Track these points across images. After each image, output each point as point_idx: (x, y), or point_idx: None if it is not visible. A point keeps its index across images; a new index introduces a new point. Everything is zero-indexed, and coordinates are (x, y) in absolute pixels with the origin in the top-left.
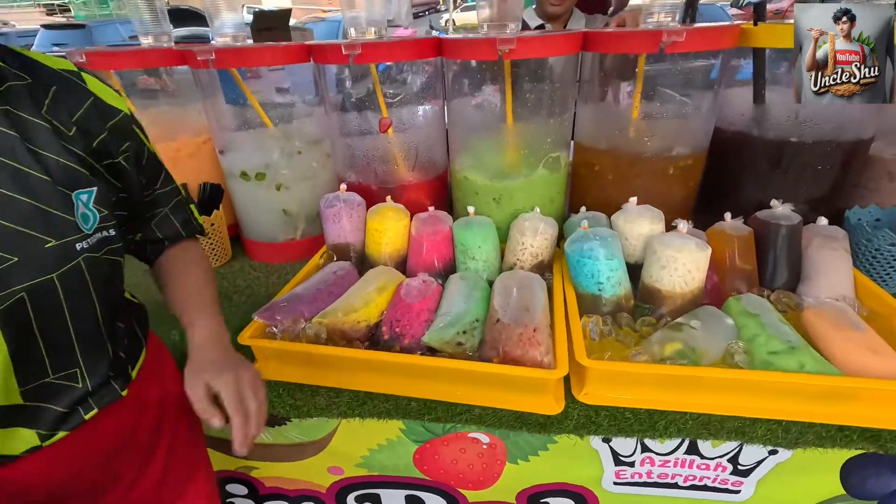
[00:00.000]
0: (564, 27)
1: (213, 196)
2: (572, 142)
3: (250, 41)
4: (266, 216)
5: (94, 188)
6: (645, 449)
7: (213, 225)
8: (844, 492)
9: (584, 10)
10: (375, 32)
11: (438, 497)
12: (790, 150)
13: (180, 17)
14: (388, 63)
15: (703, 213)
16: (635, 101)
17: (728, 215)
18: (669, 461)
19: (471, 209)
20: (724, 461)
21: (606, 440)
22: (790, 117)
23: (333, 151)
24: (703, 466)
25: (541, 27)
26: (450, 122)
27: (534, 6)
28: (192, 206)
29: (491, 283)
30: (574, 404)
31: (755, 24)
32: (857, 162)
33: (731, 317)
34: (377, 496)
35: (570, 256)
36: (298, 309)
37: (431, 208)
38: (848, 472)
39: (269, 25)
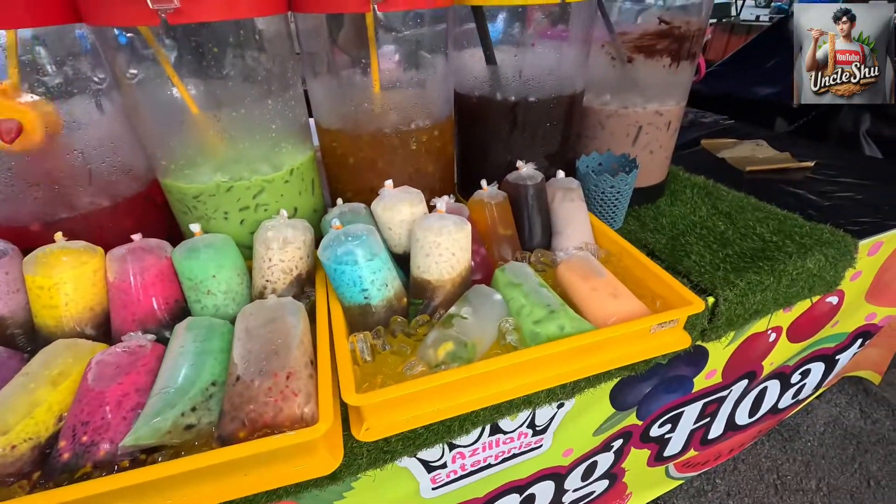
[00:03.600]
0: None
1: None
2: (312, 124)
3: None
4: None
5: None
6: (452, 447)
7: None
8: (614, 410)
9: None
10: None
11: None
12: (522, 109)
13: None
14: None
15: (466, 183)
16: (374, 72)
17: (484, 182)
18: (478, 448)
19: (195, 227)
20: (524, 428)
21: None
22: (515, 77)
23: None
24: (508, 440)
25: None
26: (131, 114)
27: None
28: None
29: None
30: (360, 442)
31: None
32: (576, 114)
33: (500, 291)
34: None
35: (326, 266)
36: None
37: (137, 236)
38: (614, 396)
39: None
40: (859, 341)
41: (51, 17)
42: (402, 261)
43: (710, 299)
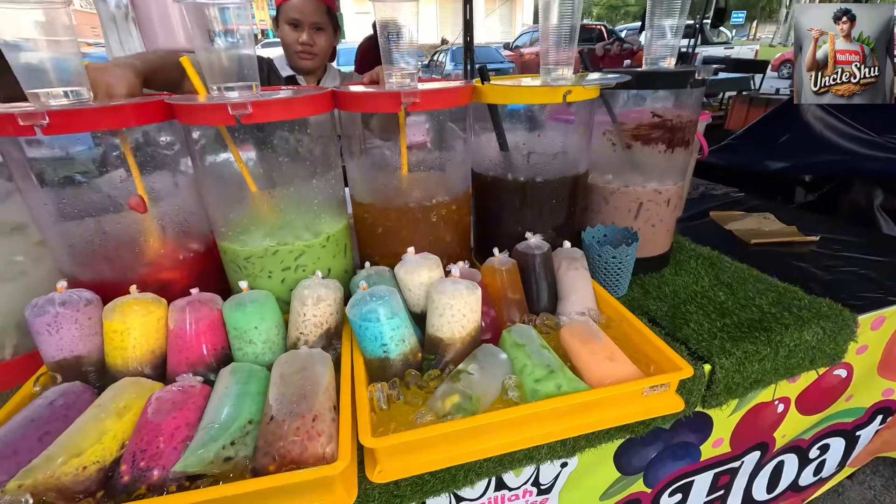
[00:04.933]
0: (318, 83)
1: None
2: (349, 196)
3: None
4: None
5: None
6: (459, 500)
7: None
8: (620, 474)
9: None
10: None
11: None
12: (530, 188)
13: None
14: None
15: (482, 250)
16: (403, 158)
17: (496, 250)
18: (484, 503)
19: (243, 284)
20: (528, 486)
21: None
22: (524, 161)
23: (48, 239)
24: (513, 497)
25: (291, 79)
26: (202, 189)
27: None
28: None
29: None
30: (372, 484)
31: (482, 83)
32: (580, 191)
33: (505, 351)
34: None
35: (352, 322)
36: None
37: (195, 291)
38: (619, 459)
39: None
40: (879, 417)
41: (152, 118)
42: (420, 319)
43: (707, 367)
